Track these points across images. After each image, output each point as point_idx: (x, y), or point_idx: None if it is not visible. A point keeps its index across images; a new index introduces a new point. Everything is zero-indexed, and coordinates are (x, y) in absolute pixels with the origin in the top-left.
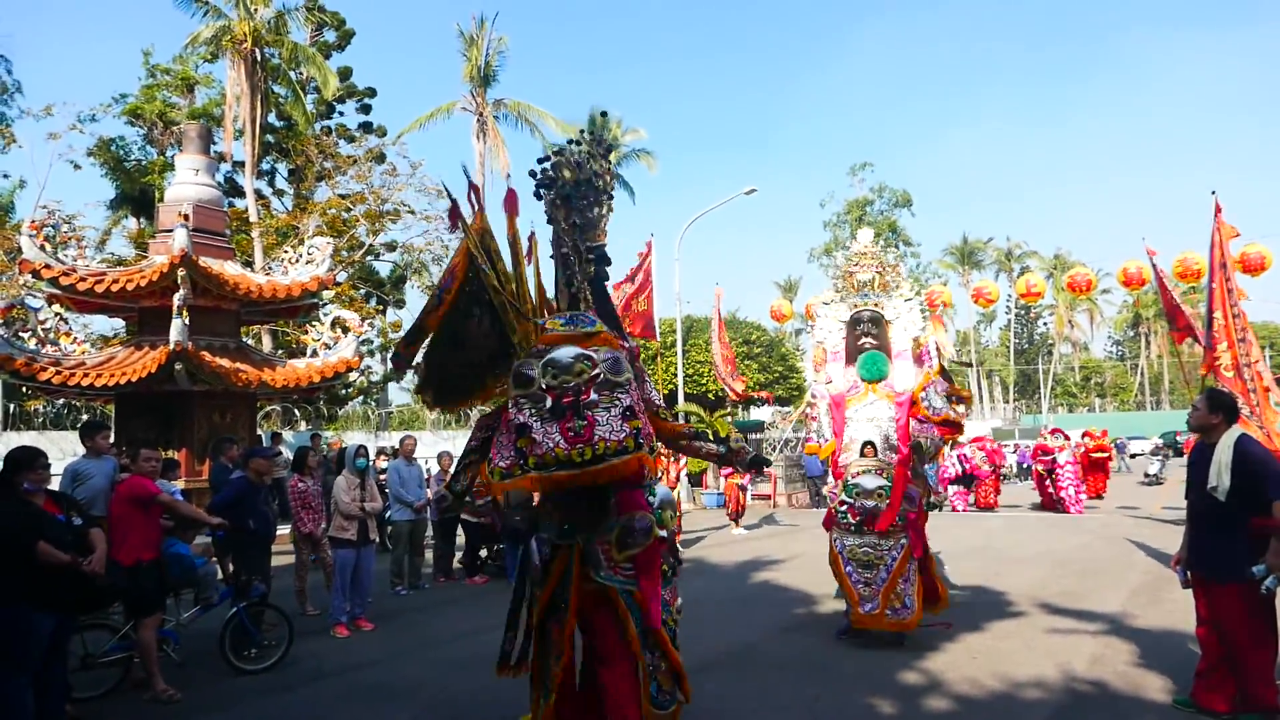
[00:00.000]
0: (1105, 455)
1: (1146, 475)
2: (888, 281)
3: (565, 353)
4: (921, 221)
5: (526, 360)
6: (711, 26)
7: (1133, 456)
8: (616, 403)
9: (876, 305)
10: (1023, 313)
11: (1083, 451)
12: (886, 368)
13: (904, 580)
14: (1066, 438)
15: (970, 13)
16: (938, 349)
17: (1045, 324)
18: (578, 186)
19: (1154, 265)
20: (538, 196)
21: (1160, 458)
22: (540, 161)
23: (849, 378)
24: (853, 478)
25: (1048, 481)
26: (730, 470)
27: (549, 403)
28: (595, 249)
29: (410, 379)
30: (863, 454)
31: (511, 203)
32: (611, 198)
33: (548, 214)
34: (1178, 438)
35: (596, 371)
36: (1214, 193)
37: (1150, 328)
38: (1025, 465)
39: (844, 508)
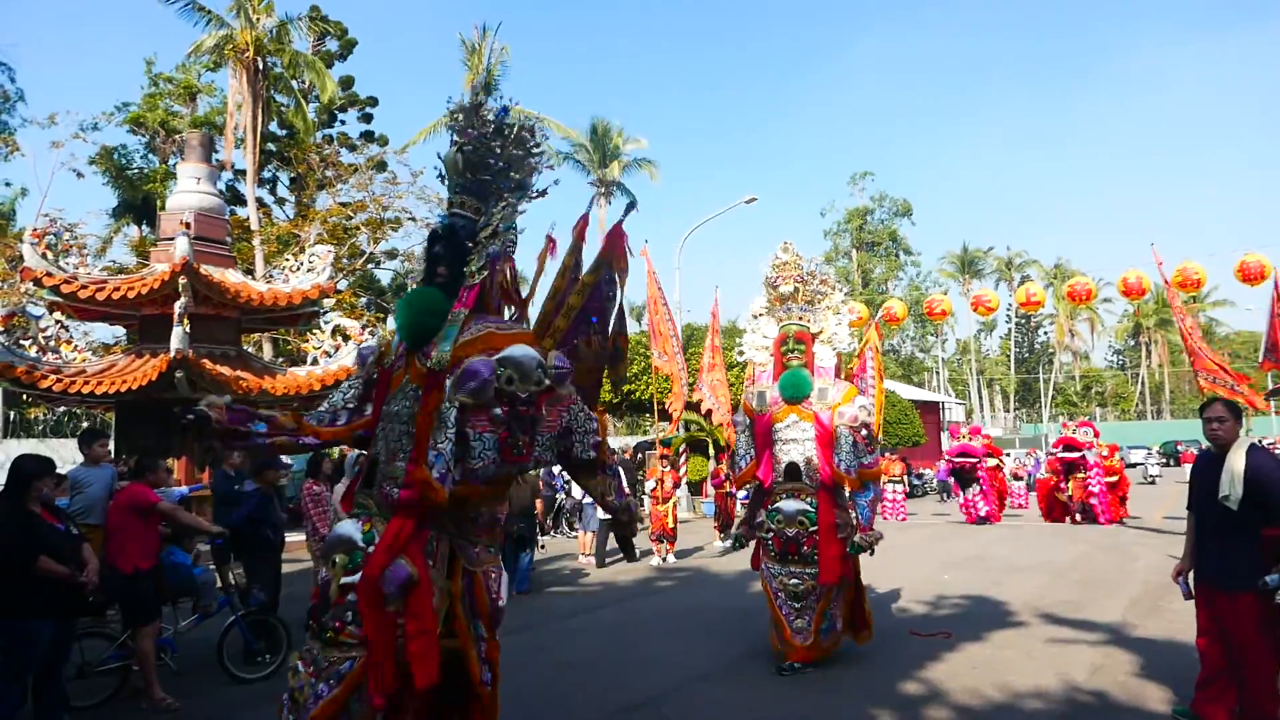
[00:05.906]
0: (1119, 478)
1: (1146, 476)
2: (812, 293)
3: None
4: (922, 230)
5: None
6: (712, 35)
7: (1131, 466)
8: None
9: (802, 319)
10: (1023, 322)
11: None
12: (809, 387)
13: (833, 602)
14: (1096, 433)
15: (971, 21)
16: (877, 369)
17: (1046, 333)
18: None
19: (1165, 282)
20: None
21: (1158, 462)
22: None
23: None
24: (774, 504)
25: (1065, 485)
26: (720, 480)
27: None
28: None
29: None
30: (787, 476)
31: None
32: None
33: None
34: (1178, 447)
35: None
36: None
37: (1151, 337)
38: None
39: (769, 535)
